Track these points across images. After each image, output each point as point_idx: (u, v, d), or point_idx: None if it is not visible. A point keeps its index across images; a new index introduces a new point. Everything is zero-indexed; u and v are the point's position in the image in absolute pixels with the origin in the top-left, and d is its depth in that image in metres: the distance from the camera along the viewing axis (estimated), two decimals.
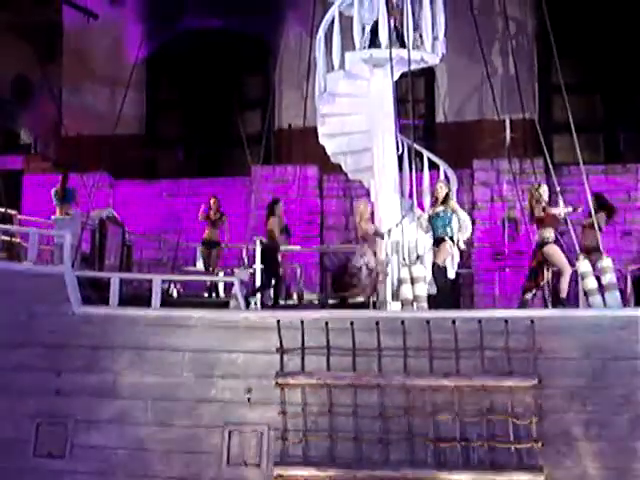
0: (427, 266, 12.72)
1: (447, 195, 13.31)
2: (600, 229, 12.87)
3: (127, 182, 22.25)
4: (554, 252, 12.53)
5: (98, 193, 15.51)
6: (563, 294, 12.40)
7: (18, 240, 15.18)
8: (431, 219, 13.17)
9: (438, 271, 12.80)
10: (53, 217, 15.43)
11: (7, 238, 15.02)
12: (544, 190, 12.86)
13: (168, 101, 24.52)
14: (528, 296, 13.06)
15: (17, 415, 11.88)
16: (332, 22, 13.68)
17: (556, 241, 12.78)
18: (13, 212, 16.65)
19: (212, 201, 17.24)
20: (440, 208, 13.15)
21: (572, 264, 12.56)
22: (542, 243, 12.66)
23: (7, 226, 15.11)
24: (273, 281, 14.38)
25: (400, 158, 14.01)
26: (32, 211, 18.53)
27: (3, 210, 16.11)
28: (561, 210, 12.76)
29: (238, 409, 11.48)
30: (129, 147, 21.93)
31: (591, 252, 12.70)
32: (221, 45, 22.63)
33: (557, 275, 12.78)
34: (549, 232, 12.60)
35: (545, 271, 12.83)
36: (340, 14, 13.71)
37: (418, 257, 12.54)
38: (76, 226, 13.71)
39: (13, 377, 11.98)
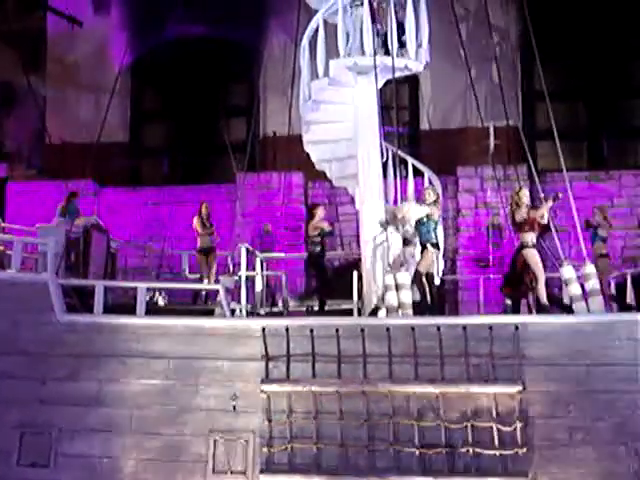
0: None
1: (435, 202, 13.35)
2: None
3: (112, 190, 22.20)
4: (532, 256, 12.58)
5: (83, 201, 15.49)
6: (543, 299, 12.43)
7: (2, 248, 15.09)
8: (417, 225, 13.19)
9: (419, 278, 12.81)
10: (37, 225, 15.35)
11: None
12: (524, 194, 12.89)
13: (153, 109, 24.49)
14: (509, 302, 13.11)
15: (1, 424, 11.81)
16: (316, 30, 13.71)
17: (537, 245, 12.84)
18: None
19: (204, 207, 17.09)
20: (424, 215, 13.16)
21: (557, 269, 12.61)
22: (522, 246, 12.70)
23: None
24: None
25: (385, 165, 14.05)
26: (16, 219, 18.45)
27: None
28: (543, 209, 12.73)
29: (223, 417, 11.46)
30: (114, 155, 21.89)
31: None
32: (206, 53, 22.62)
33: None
34: (529, 236, 12.63)
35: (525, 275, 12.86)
36: (324, 22, 13.74)
37: (402, 264, 12.55)
38: (60, 234, 13.66)
39: None
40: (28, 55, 23.69)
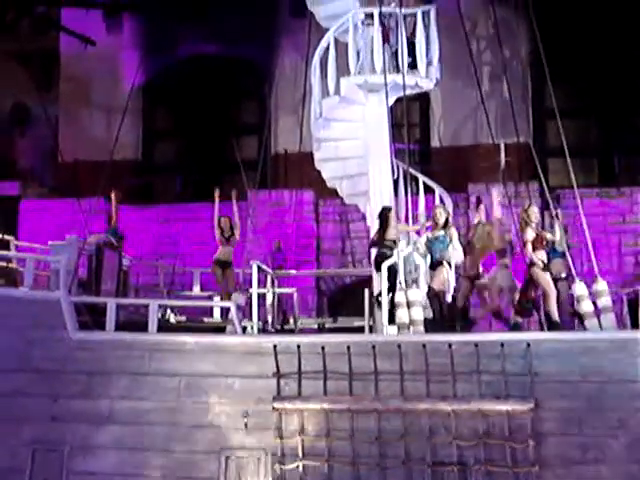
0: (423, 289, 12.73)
1: (447, 220, 13.34)
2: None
3: (124, 207, 22.24)
4: (541, 276, 12.58)
5: (94, 218, 15.54)
6: (555, 316, 12.42)
7: (15, 266, 15.16)
8: (429, 243, 13.17)
9: (434, 295, 12.80)
10: (50, 243, 15.43)
11: (4, 264, 14.99)
12: (533, 211, 12.90)
13: (165, 127, 24.62)
14: (519, 319, 13.09)
15: (13, 442, 11.83)
16: (327, 48, 13.80)
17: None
18: (10, 238, 16.65)
19: (223, 220, 16.29)
20: (440, 232, 13.14)
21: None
22: (530, 264, 12.71)
23: (3, 252, 15.10)
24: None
25: (395, 182, 14.07)
26: (29, 236, 18.53)
27: (0, 236, 16.11)
28: (555, 236, 12.82)
29: (235, 434, 11.45)
30: (126, 173, 22.00)
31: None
32: (217, 71, 22.78)
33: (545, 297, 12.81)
34: (538, 255, 12.63)
35: (532, 291, 12.88)
36: (335, 40, 13.82)
37: (414, 281, 12.54)
38: (72, 252, 13.71)
39: (9, 403, 11.94)
40: (41, 74, 23.93)
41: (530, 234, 12.67)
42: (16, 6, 23.49)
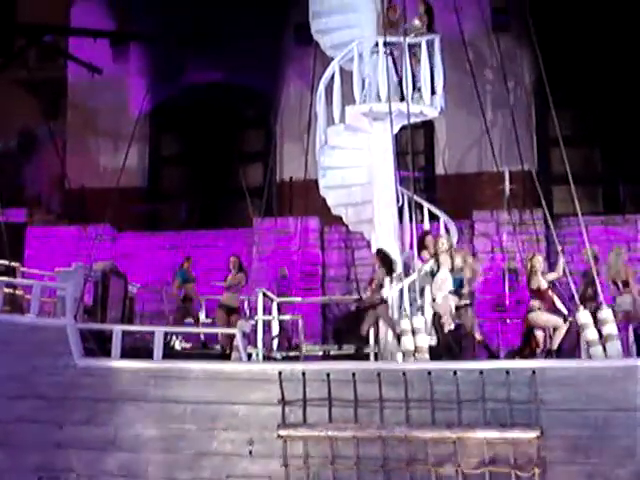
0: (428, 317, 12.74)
1: (450, 248, 13.37)
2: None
3: (130, 234, 22.37)
4: (538, 318, 12.74)
5: (101, 245, 15.61)
6: (554, 346, 12.51)
7: (21, 292, 15.21)
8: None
9: (440, 323, 12.81)
10: (56, 269, 15.49)
11: (10, 290, 15.04)
12: (538, 260, 13.05)
13: (171, 154, 24.76)
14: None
15: (18, 469, 11.84)
16: (332, 76, 13.91)
17: (553, 287, 12.95)
18: (16, 264, 16.71)
19: (232, 260, 15.98)
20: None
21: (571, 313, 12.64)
22: (529, 310, 12.89)
23: (10, 279, 15.16)
24: None
25: (400, 210, 14.12)
26: (35, 263, 18.60)
27: (6, 262, 16.17)
28: (554, 275, 13.11)
29: (240, 462, 11.45)
30: (132, 199, 22.11)
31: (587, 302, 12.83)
32: (223, 99, 22.92)
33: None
34: (537, 302, 12.82)
35: (538, 335, 12.98)
36: (340, 69, 13.94)
37: (419, 308, 12.55)
38: (79, 278, 13.76)
39: (14, 430, 11.97)
40: (48, 102, 24.15)
41: (543, 283, 12.82)
42: (25, 35, 23.77)
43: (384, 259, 13.46)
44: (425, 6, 14.35)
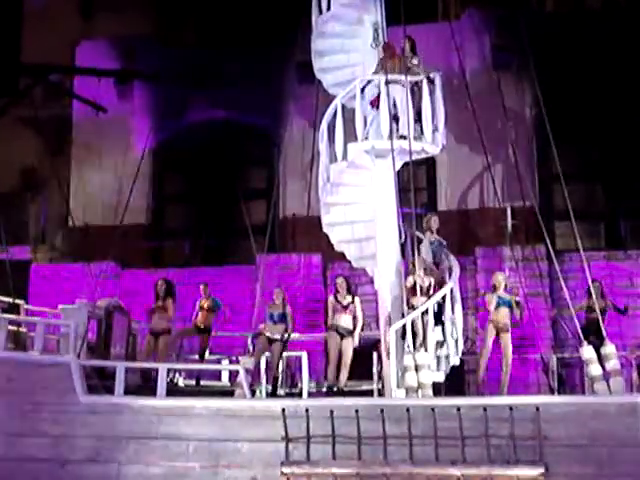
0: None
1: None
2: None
3: (133, 271, 22.41)
4: None
5: (104, 282, 15.66)
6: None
7: (25, 329, 15.24)
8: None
9: None
10: (60, 307, 15.53)
11: (14, 328, 15.07)
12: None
13: (174, 192, 24.88)
14: None
15: None
16: (334, 114, 14.03)
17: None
18: (20, 302, 16.75)
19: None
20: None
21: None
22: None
23: (14, 316, 15.19)
24: None
25: (403, 246, 14.17)
26: (39, 300, 18.63)
27: (10, 300, 16.21)
28: None
29: None
30: (136, 237, 22.19)
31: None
32: (226, 137, 23.07)
33: None
34: None
35: None
36: (342, 106, 14.07)
37: (422, 344, 12.55)
38: (82, 316, 13.80)
39: (17, 468, 11.92)
40: (53, 140, 24.32)
41: None
42: (31, 74, 24.03)
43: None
44: (410, 42, 14.47)
